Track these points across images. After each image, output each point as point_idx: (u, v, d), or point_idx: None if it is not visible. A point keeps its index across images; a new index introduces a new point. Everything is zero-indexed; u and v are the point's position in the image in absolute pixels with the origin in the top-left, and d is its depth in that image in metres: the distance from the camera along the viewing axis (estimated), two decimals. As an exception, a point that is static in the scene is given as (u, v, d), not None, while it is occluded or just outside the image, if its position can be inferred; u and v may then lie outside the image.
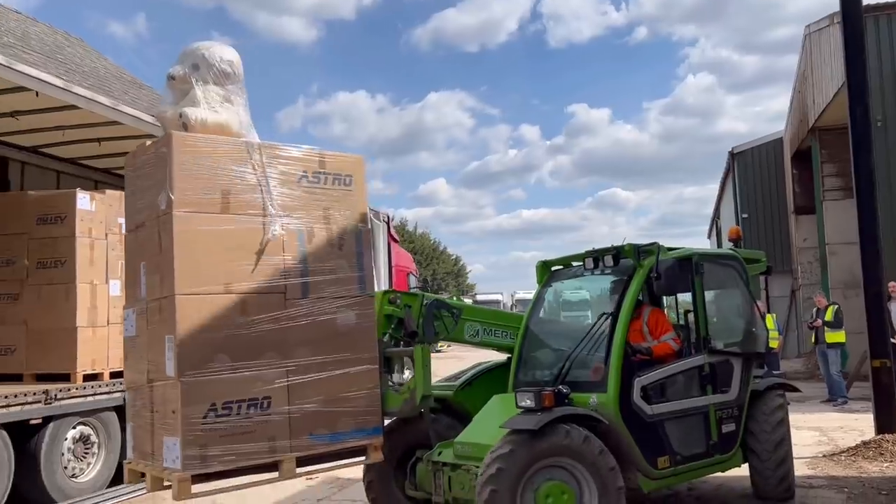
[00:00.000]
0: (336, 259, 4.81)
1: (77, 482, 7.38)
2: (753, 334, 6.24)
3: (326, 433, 4.59)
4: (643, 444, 5.19)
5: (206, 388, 4.21)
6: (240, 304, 4.38)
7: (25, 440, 6.84)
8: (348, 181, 4.96)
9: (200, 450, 4.12)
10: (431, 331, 5.51)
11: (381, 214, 14.86)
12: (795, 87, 19.22)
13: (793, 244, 20.94)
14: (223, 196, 4.42)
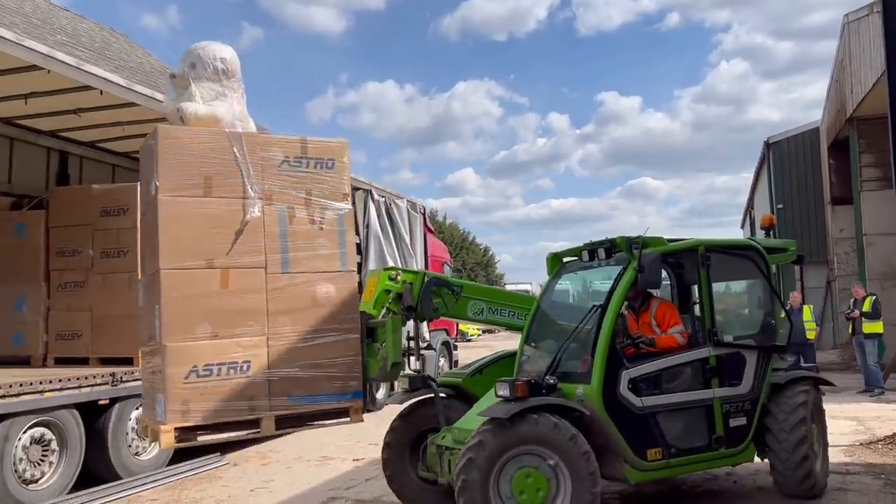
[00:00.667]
0: (317, 237, 5.22)
1: (140, 460, 7.80)
2: (772, 327, 6.11)
3: (305, 395, 5.01)
4: (630, 436, 5.24)
5: (189, 352, 4.73)
6: (221, 278, 4.87)
7: (94, 420, 7.27)
8: (331, 164, 5.34)
9: (182, 405, 4.67)
10: (429, 306, 5.76)
11: (417, 206, 15.12)
12: (833, 76, 19.02)
13: (829, 235, 20.77)
14: (205, 181, 4.90)
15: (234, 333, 4.88)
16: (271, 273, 5.04)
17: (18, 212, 8.55)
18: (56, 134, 9.54)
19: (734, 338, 6.00)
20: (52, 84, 7.42)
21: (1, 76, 7.25)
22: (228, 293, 4.87)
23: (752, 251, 6.20)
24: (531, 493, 4.84)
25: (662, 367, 5.52)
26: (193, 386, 4.71)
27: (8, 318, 8.31)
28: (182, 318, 4.75)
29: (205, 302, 4.81)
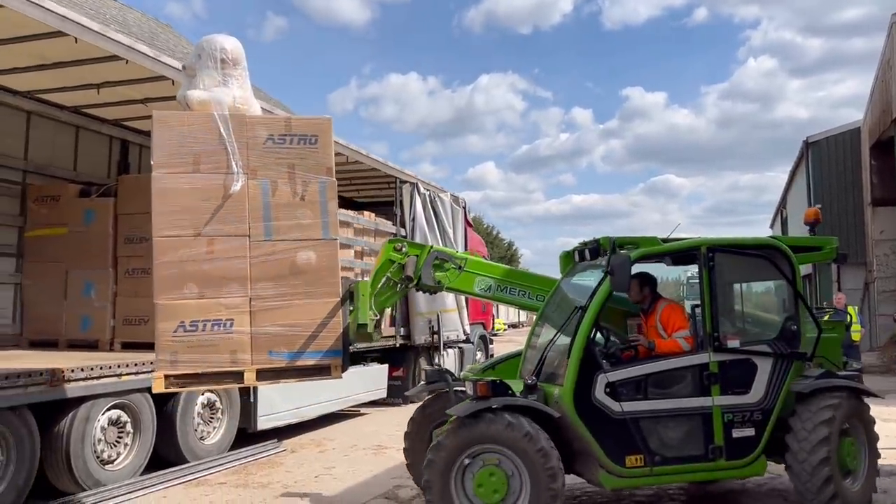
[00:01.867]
0: (299, 208, 5.60)
1: (204, 444, 7.96)
2: (793, 333, 5.67)
3: (285, 351, 5.45)
4: (606, 441, 5.17)
5: (177, 309, 5.31)
6: (207, 244, 5.41)
7: (163, 404, 7.43)
8: (314, 140, 5.69)
9: (171, 356, 5.28)
10: (430, 277, 5.93)
11: (459, 199, 15.21)
12: (878, 76, 18.82)
13: (868, 236, 20.58)
14: (194, 159, 5.45)
15: (218, 294, 5.39)
16: (254, 240, 5.51)
17: (88, 199, 8.71)
18: (119, 123, 9.73)
19: (744, 343, 5.61)
20: (127, 74, 7.57)
21: (80, 66, 7.42)
22: (213, 258, 5.41)
23: (772, 250, 5.83)
24: (491, 490, 4.96)
25: (647, 371, 5.39)
26: (181, 339, 5.29)
27: (76, 303, 8.50)
28: (171, 279, 5.33)
29: (192, 266, 5.37)
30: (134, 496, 6.63)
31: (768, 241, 5.93)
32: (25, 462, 5.87)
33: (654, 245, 5.71)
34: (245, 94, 5.73)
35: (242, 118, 5.59)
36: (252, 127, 5.59)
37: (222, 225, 5.44)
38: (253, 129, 5.58)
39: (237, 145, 5.46)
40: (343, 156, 11.27)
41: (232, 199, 5.45)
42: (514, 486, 4.98)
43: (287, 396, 9.19)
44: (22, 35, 6.70)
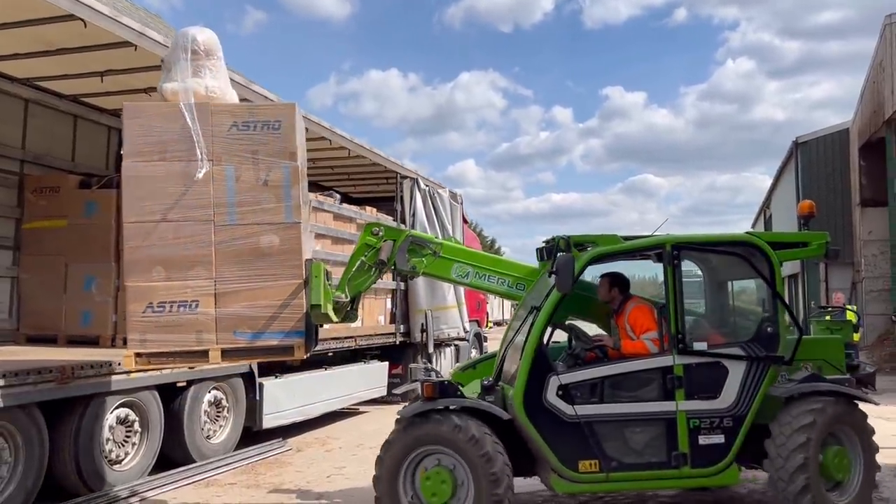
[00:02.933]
0: (262, 192, 5.67)
1: (211, 443, 7.77)
2: (770, 335, 5.35)
3: (249, 332, 5.59)
4: (558, 445, 5.07)
5: (146, 291, 5.50)
6: (173, 229, 5.57)
7: (170, 402, 7.22)
8: (277, 126, 5.73)
9: (140, 335, 5.49)
10: (404, 262, 5.89)
11: (457, 196, 15.09)
12: (868, 78, 18.99)
13: (856, 236, 20.79)
14: (161, 147, 5.59)
15: (184, 276, 5.56)
16: (218, 225, 5.62)
17: (89, 191, 8.43)
18: (119, 113, 9.42)
19: (713, 346, 5.38)
20: (134, 62, 7.33)
21: (86, 52, 7.18)
22: (180, 242, 5.57)
23: (747, 247, 5.50)
24: (437, 490, 4.96)
25: (602, 374, 5.24)
26: (149, 319, 5.48)
27: (77, 298, 8.21)
28: (140, 263, 5.54)
29: (159, 250, 5.55)
30: (141, 497, 6.43)
31: (744, 237, 5.63)
32: (35, 462, 5.65)
33: (613, 243, 5.53)
34: (218, 84, 5.83)
35: (207, 106, 5.67)
36: (217, 115, 5.69)
37: (188, 210, 5.60)
38: (218, 117, 5.69)
39: (202, 133, 5.57)
40: (345, 149, 11.10)
41: (197, 186, 5.58)
42: (460, 487, 4.98)
43: (292, 395, 9.02)
44: (29, 19, 6.45)
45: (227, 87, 5.96)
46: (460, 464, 4.97)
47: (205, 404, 7.67)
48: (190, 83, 5.67)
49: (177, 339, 5.54)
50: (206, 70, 5.79)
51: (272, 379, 8.67)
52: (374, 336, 11.41)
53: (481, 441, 4.91)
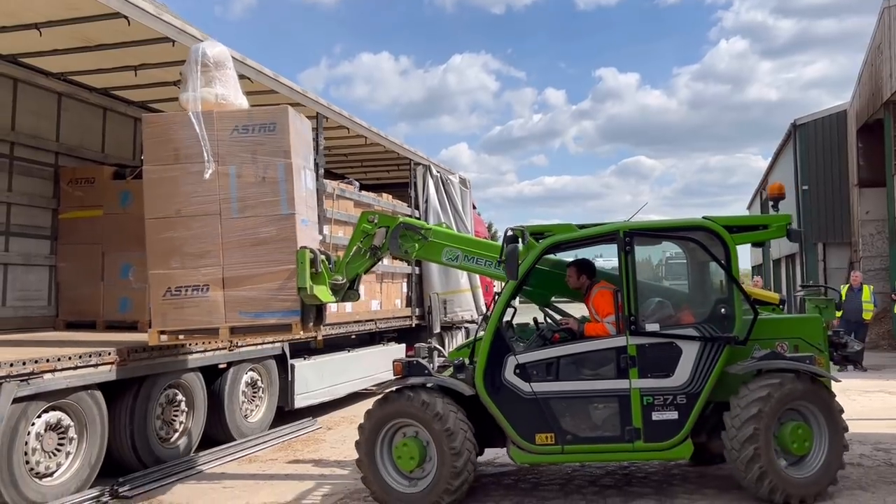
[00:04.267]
0: (261, 188, 6.33)
1: (249, 422, 8.12)
2: (724, 316, 5.55)
3: (252, 312, 6.27)
4: (516, 419, 5.48)
5: (165, 278, 6.30)
6: (186, 223, 6.32)
7: (211, 383, 7.56)
8: (272, 127, 6.37)
9: (162, 315, 6.29)
10: (396, 247, 6.31)
11: (466, 181, 15.39)
12: (867, 61, 19.29)
13: (854, 217, 21.17)
14: (175, 152, 6.35)
15: (196, 264, 6.29)
16: (224, 218, 6.32)
17: (124, 181, 8.70)
18: (146, 105, 9.70)
19: (666, 327, 5.58)
20: (169, 56, 7.56)
21: (124, 48, 7.42)
22: (192, 234, 6.31)
23: (702, 232, 5.69)
24: (408, 458, 5.47)
25: (556, 354, 5.57)
26: (169, 302, 6.27)
27: (114, 285, 8.51)
28: (160, 254, 6.35)
29: (175, 242, 6.32)
30: (193, 472, 6.78)
31: (699, 222, 5.78)
32: (97, 440, 5.99)
33: (568, 232, 5.88)
34: (227, 92, 6.51)
35: (211, 114, 6.33)
36: (220, 120, 6.35)
37: (198, 206, 6.33)
38: (221, 122, 6.35)
39: (208, 137, 6.25)
40: (363, 137, 11.38)
41: (205, 184, 6.29)
42: (428, 456, 5.50)
43: (320, 375, 9.37)
44: (73, 17, 6.69)
45: (236, 93, 6.61)
46: (427, 436, 5.46)
47: (243, 385, 8.01)
48: (201, 93, 6.33)
49: (192, 318, 6.26)
50: (216, 80, 6.47)
51: (302, 360, 9.02)
52: (391, 319, 11.77)
53: (445, 417, 5.38)
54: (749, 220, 5.96)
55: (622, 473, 6.39)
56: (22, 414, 5.32)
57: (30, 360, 5.32)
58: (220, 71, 6.50)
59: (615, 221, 5.98)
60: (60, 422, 5.72)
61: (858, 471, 6.28)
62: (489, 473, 6.53)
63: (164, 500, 6.00)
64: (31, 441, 5.44)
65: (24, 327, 8.32)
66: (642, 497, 5.70)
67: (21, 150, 8.48)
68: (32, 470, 5.46)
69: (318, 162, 9.26)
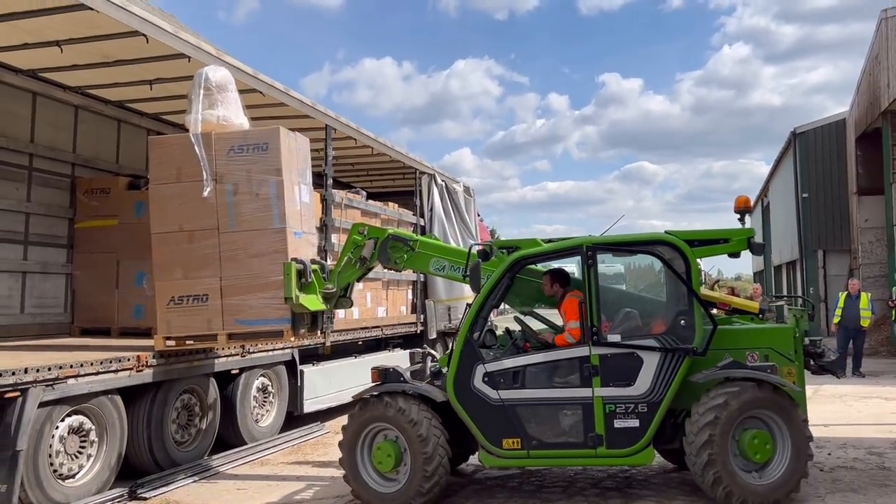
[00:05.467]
0: (254, 204, 6.80)
1: (260, 427, 8.34)
2: (683, 328, 5.67)
3: (247, 319, 6.75)
4: (485, 424, 5.71)
5: (169, 288, 6.83)
6: (188, 237, 6.84)
7: (224, 388, 7.78)
8: (265, 147, 6.84)
9: (167, 322, 6.81)
10: (385, 258, 6.60)
11: (470, 190, 15.62)
12: (865, 70, 19.52)
13: (853, 224, 21.36)
14: (178, 171, 6.85)
15: (197, 275, 6.80)
16: (222, 232, 6.80)
17: (138, 191, 8.95)
18: (159, 117, 9.96)
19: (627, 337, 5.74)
20: (183, 71, 7.81)
21: (140, 63, 7.68)
22: (193, 247, 6.81)
23: (663, 246, 5.84)
24: (384, 460, 5.76)
25: (523, 363, 5.78)
26: (172, 310, 6.80)
27: (129, 292, 8.76)
28: (165, 266, 6.87)
29: (178, 255, 6.83)
30: (208, 474, 7.00)
31: (660, 236, 5.93)
32: (116, 443, 6.22)
33: (534, 246, 6.16)
34: (228, 113, 6.98)
35: (210, 136, 6.80)
36: (218, 141, 6.83)
37: (198, 221, 6.82)
38: (219, 143, 6.83)
39: (206, 158, 6.72)
40: (369, 147, 11.63)
41: (205, 201, 6.75)
42: (405, 459, 5.75)
43: (328, 381, 9.59)
44: (94, 35, 6.94)
45: (237, 114, 7.07)
46: (403, 440, 5.75)
47: (254, 390, 8.24)
48: (204, 115, 6.79)
49: (193, 325, 6.78)
50: (218, 103, 6.92)
51: (310, 366, 9.24)
52: (397, 326, 11.99)
53: (419, 423, 5.66)
54: (711, 233, 6.05)
55: (623, 476, 6.60)
56: (47, 417, 5.55)
57: (54, 365, 5.55)
58: (222, 94, 6.95)
59: (577, 237, 6.18)
60: (82, 425, 5.95)
61: (851, 474, 6.48)
62: (494, 476, 6.74)
63: (181, 501, 6.21)
64: (54, 444, 5.68)
65: (41, 334, 8.57)
66: (642, 499, 5.90)
67: (39, 162, 8.76)
68: (56, 472, 5.69)
69: (327, 172, 9.53)
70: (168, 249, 6.87)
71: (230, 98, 7.02)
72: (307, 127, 10.10)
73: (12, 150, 8.39)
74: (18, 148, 8.46)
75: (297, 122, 9.86)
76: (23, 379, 5.23)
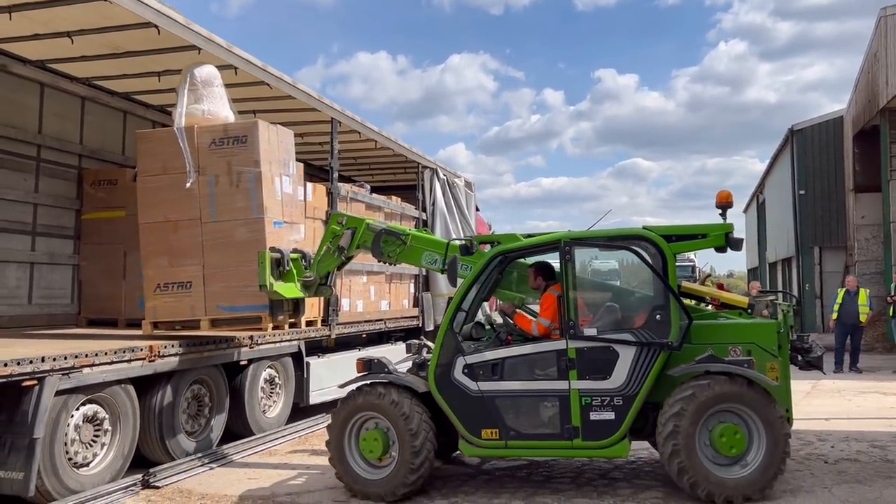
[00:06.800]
0: (234, 194, 7.12)
1: (267, 417, 8.39)
2: (659, 322, 5.69)
3: (229, 305, 7.12)
4: (465, 415, 5.82)
5: (156, 275, 7.27)
6: (172, 226, 7.21)
7: (232, 379, 7.82)
8: (244, 139, 7.16)
9: (153, 308, 7.26)
10: (378, 251, 6.73)
11: (471, 184, 15.69)
12: (863, 68, 19.65)
13: (850, 221, 21.51)
14: (163, 163, 7.21)
15: (181, 263, 7.19)
16: (204, 222, 7.15)
17: (145, 183, 8.96)
18: (164, 109, 9.97)
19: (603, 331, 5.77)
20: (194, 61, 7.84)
21: (150, 55, 7.70)
22: (177, 237, 7.18)
23: (639, 241, 5.88)
24: (372, 448, 5.87)
25: (502, 356, 5.86)
26: (159, 297, 7.24)
27: (135, 284, 8.69)
28: (152, 254, 7.26)
29: (164, 243, 7.21)
30: (218, 464, 7.05)
31: (637, 231, 5.96)
32: (129, 432, 6.26)
33: (513, 241, 6.27)
34: (213, 108, 7.31)
35: (192, 129, 7.09)
36: (200, 134, 7.14)
37: (182, 212, 7.17)
38: (201, 136, 7.14)
39: (189, 150, 7.00)
40: (373, 141, 11.67)
41: (188, 193, 7.05)
42: (392, 449, 5.87)
43: (333, 373, 9.62)
44: (106, 26, 6.96)
45: (223, 108, 7.41)
46: (389, 424, 5.87)
47: (262, 381, 8.28)
48: (189, 109, 7.11)
49: (177, 311, 7.20)
50: (203, 97, 7.23)
51: (316, 358, 9.29)
52: (399, 319, 12.06)
53: (410, 417, 5.77)
54: (688, 228, 6.05)
55: (630, 467, 6.68)
56: (63, 406, 5.58)
57: (70, 354, 5.58)
58: (207, 89, 7.27)
59: (554, 232, 6.27)
60: (96, 414, 5.98)
61: (856, 466, 6.58)
62: (503, 467, 6.81)
63: (193, 489, 6.25)
64: (70, 432, 5.71)
65: (48, 324, 8.59)
66: (650, 489, 5.97)
67: (47, 153, 8.77)
68: (71, 460, 5.73)
69: (333, 165, 9.56)
70: (154, 239, 7.23)
71: (216, 93, 7.34)
72: (313, 120, 10.20)
73: (21, 140, 8.40)
74: (27, 139, 8.47)
75: (304, 115, 9.95)
76: (40, 367, 5.26)
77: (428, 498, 5.89)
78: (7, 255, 8.33)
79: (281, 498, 5.98)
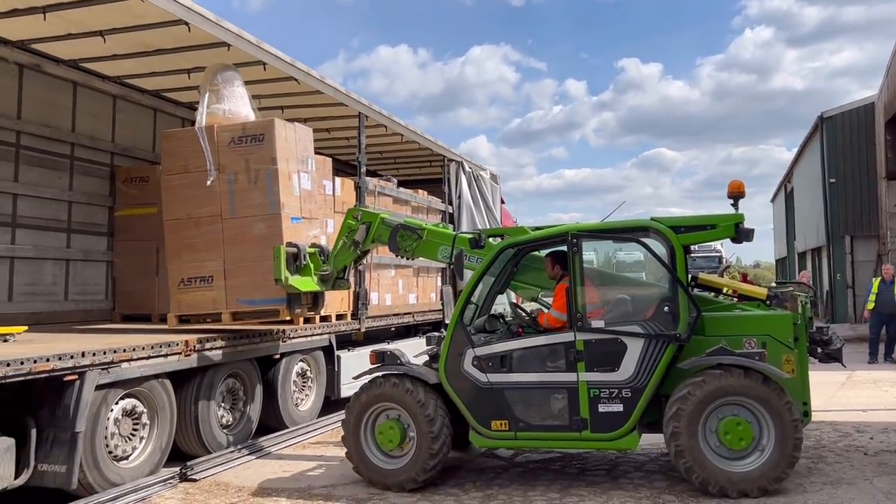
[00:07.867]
0: (252, 191, 7.31)
1: (299, 411, 8.45)
2: (668, 314, 5.63)
3: (248, 299, 7.31)
4: (475, 406, 5.86)
5: (179, 270, 7.49)
6: (194, 223, 7.44)
7: (265, 373, 7.89)
8: (261, 138, 7.31)
9: (178, 302, 7.48)
10: (395, 246, 6.82)
11: (496, 177, 15.63)
12: (894, 54, 19.26)
13: (882, 209, 21.13)
14: (185, 162, 7.43)
15: (203, 258, 7.41)
16: (224, 218, 7.37)
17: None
18: (193, 106, 10.03)
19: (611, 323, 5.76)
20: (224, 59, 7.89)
21: (181, 52, 7.76)
22: (199, 233, 7.40)
23: (647, 233, 5.80)
24: (389, 437, 5.95)
25: (511, 348, 5.88)
26: (182, 291, 7.46)
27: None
28: (175, 250, 7.48)
29: (186, 239, 7.43)
30: (254, 456, 7.12)
31: (645, 223, 5.89)
32: (167, 425, 6.34)
33: (521, 234, 6.31)
34: (234, 107, 7.51)
35: (213, 129, 7.30)
36: (220, 133, 7.35)
37: (203, 208, 7.39)
38: (221, 135, 7.35)
39: (210, 149, 7.23)
40: (398, 135, 11.67)
41: (208, 190, 7.27)
42: (408, 438, 5.93)
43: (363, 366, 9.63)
44: (137, 24, 7.03)
45: (243, 107, 7.59)
46: (409, 419, 5.91)
47: (294, 374, 8.34)
48: (211, 109, 7.34)
49: (200, 304, 7.41)
50: (225, 97, 7.43)
51: (346, 352, 9.33)
52: (427, 312, 12.07)
53: (426, 404, 5.83)
54: (697, 219, 5.93)
55: (665, 459, 6.63)
56: (103, 400, 5.67)
57: (109, 349, 5.66)
58: (228, 88, 7.48)
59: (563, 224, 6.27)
60: (135, 408, 6.07)
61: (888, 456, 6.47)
62: (536, 459, 6.80)
63: (230, 482, 6.33)
64: (109, 426, 5.80)
65: (84, 320, 8.73)
66: (685, 482, 5.93)
67: (80, 151, 8.90)
68: (111, 453, 5.82)
69: (361, 160, 9.58)
70: (178, 235, 7.46)
71: (236, 92, 7.54)
72: (340, 115, 10.23)
73: (55, 139, 8.53)
74: (61, 137, 8.59)
75: (331, 110, 9.99)
76: (80, 362, 5.35)
77: (463, 491, 5.89)
78: (44, 253, 8.48)
79: (317, 490, 6.03)
